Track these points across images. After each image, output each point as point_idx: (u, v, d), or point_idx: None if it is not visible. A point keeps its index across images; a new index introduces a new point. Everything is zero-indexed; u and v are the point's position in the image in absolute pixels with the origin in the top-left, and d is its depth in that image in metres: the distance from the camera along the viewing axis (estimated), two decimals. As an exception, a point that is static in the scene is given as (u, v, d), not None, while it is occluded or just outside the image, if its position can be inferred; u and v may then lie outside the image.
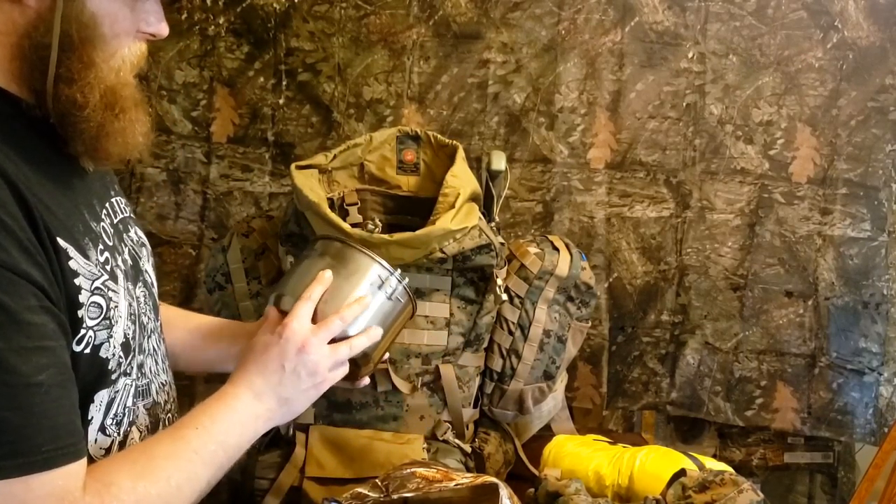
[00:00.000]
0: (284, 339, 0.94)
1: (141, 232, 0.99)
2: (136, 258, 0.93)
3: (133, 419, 0.88)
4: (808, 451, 2.12)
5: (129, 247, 0.92)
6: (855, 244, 2.00)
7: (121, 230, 0.91)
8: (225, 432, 0.88)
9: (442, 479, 1.03)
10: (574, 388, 2.03)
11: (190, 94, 2.01)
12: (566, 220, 2.02)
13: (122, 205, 0.96)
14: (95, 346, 0.80)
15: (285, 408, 0.94)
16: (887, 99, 1.97)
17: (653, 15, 1.97)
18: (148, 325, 0.92)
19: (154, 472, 0.80)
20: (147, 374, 0.91)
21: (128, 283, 0.87)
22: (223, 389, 0.92)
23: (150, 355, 0.93)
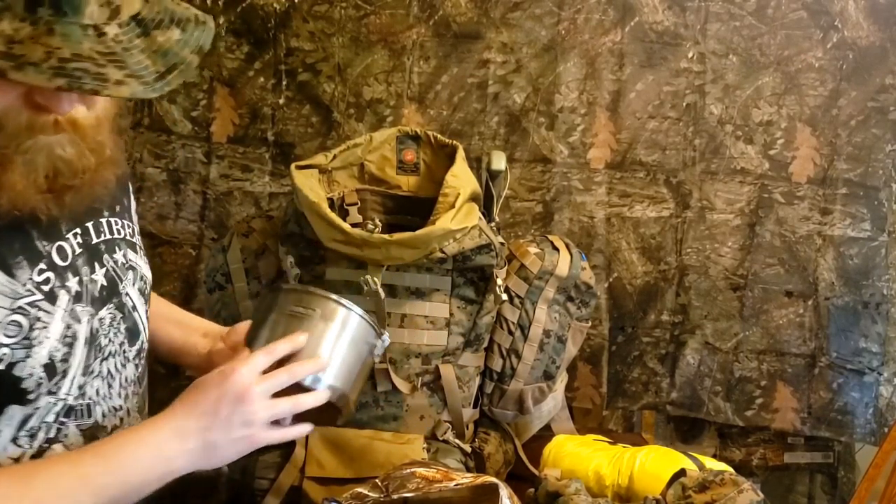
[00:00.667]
0: (229, 382, 0.88)
1: (135, 255, 0.97)
2: (116, 280, 0.90)
3: (56, 436, 0.84)
4: (808, 451, 2.12)
5: (108, 268, 0.90)
6: (855, 244, 2.00)
7: (100, 251, 0.89)
8: (127, 466, 0.83)
9: (442, 479, 1.03)
10: (574, 388, 2.03)
11: (190, 94, 2.01)
12: (566, 220, 2.02)
13: (117, 226, 0.94)
14: (10, 363, 0.77)
15: (211, 452, 0.88)
16: (887, 99, 1.97)
17: (653, 15, 1.97)
18: (107, 348, 0.89)
19: (25, 491, 0.76)
20: (89, 396, 0.87)
21: (76, 305, 0.83)
22: (150, 419, 0.88)
23: (101, 377, 0.88)
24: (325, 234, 1.39)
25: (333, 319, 0.99)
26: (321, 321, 0.99)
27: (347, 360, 0.99)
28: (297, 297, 1.00)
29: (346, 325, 1.00)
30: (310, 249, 1.45)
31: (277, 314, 0.99)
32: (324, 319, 0.99)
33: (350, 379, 0.99)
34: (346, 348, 0.99)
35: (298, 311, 0.99)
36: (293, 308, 0.99)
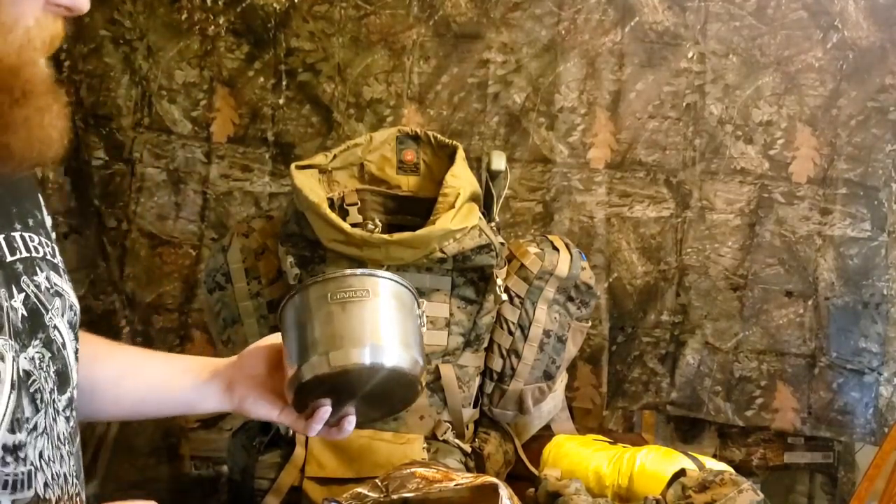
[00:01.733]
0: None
1: (60, 279, 0.78)
2: (40, 310, 0.71)
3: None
4: (808, 451, 2.12)
5: (29, 294, 0.71)
6: (855, 244, 2.00)
7: (17, 272, 0.70)
8: None
9: (442, 479, 1.03)
10: (574, 388, 2.03)
11: (190, 94, 2.01)
12: (566, 220, 2.02)
13: (34, 243, 0.76)
14: None
15: None
16: (887, 99, 1.97)
17: (653, 15, 1.97)
18: (44, 395, 0.69)
19: None
20: (29, 461, 0.67)
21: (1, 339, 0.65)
22: None
23: (42, 435, 0.69)
24: (325, 234, 1.39)
25: (385, 294, 0.91)
26: (374, 299, 0.90)
27: (413, 330, 0.92)
28: (337, 284, 0.90)
29: (398, 297, 0.92)
30: (310, 249, 1.45)
31: (323, 309, 0.89)
32: (376, 296, 0.90)
33: (420, 348, 0.92)
34: (408, 319, 0.92)
35: (349, 297, 0.89)
36: (340, 296, 0.89)
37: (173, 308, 2.07)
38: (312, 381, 0.86)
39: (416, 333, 0.92)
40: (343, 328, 0.87)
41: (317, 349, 0.86)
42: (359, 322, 0.88)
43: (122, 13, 1.99)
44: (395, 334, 0.89)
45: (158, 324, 2.08)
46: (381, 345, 0.88)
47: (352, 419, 0.90)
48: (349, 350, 0.86)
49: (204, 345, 2.05)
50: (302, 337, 0.88)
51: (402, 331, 0.90)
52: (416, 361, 0.89)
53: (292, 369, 0.86)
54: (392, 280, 0.92)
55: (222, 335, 1.57)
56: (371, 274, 0.92)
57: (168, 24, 1.99)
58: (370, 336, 0.87)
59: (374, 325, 0.88)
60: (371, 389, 0.89)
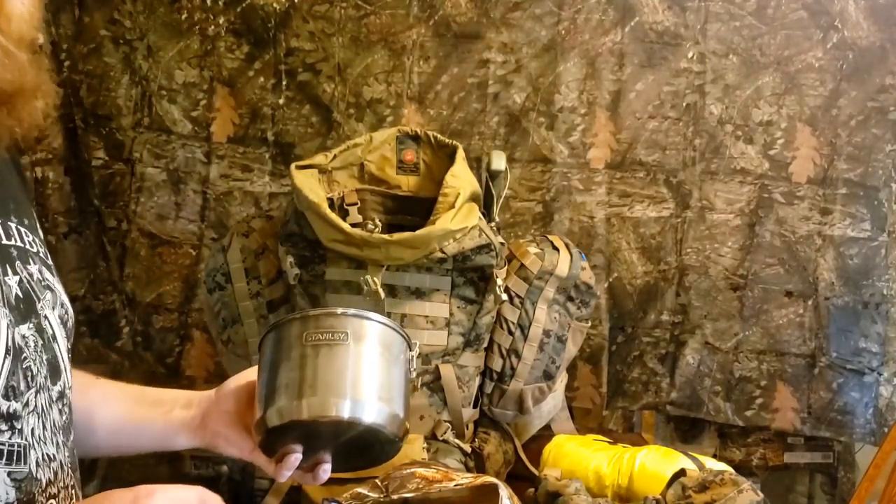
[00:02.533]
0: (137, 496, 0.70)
1: (52, 277, 0.77)
2: (32, 296, 0.72)
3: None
4: (808, 451, 2.12)
5: (23, 279, 0.71)
6: (855, 244, 2.00)
7: (11, 255, 0.71)
8: None
9: (442, 479, 1.03)
10: (574, 387, 2.03)
11: (190, 94, 2.01)
12: (566, 220, 2.02)
13: (29, 238, 0.76)
14: None
15: None
16: (887, 99, 1.96)
17: (653, 15, 1.97)
18: (37, 378, 0.70)
19: None
20: (24, 434, 0.68)
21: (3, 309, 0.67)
22: None
23: (36, 414, 0.69)
24: (325, 234, 1.39)
25: (367, 338, 0.83)
26: (356, 343, 0.82)
27: (398, 381, 0.84)
28: (317, 322, 0.83)
29: (384, 343, 0.84)
30: (310, 249, 1.45)
31: (296, 350, 0.81)
32: (359, 341, 0.83)
33: (403, 401, 0.84)
34: (393, 368, 0.84)
35: (325, 339, 0.82)
36: (317, 336, 0.82)
37: (173, 308, 2.07)
38: (279, 428, 0.79)
39: (400, 385, 0.84)
40: (314, 374, 0.80)
41: (285, 394, 0.79)
42: (334, 369, 0.81)
43: (122, 13, 1.99)
44: (374, 386, 0.81)
45: (158, 323, 2.08)
46: (359, 398, 0.80)
47: (327, 467, 0.84)
48: (321, 400, 0.79)
49: (204, 344, 2.05)
50: (272, 378, 0.81)
51: (383, 382, 0.82)
52: (396, 417, 0.82)
53: (259, 412, 0.81)
54: (379, 323, 0.85)
55: (222, 335, 1.57)
56: (357, 315, 0.84)
57: (168, 24, 1.99)
58: (344, 387, 0.80)
59: (352, 375, 0.81)
60: (347, 441, 0.83)
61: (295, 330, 0.83)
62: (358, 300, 1.41)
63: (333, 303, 1.45)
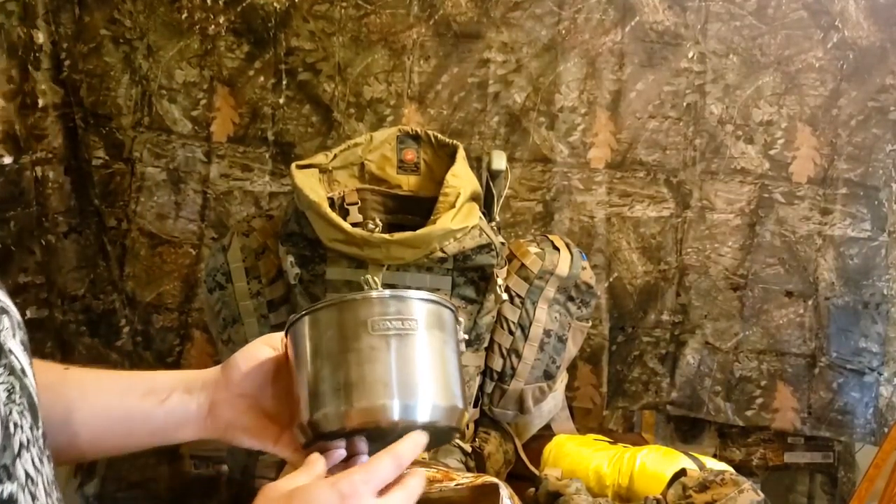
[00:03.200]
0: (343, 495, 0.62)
1: (2, 294, 0.63)
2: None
3: None
4: (808, 451, 2.12)
5: None
6: (855, 244, 2.00)
7: None
8: None
9: (442, 479, 1.03)
10: (574, 387, 2.03)
11: (190, 94, 2.01)
12: (566, 219, 2.02)
13: None
14: None
15: None
16: (887, 99, 1.97)
17: (653, 14, 1.97)
18: (16, 436, 0.55)
19: None
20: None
21: None
22: None
23: (24, 486, 0.55)
24: (326, 233, 1.39)
25: (433, 323, 0.73)
26: (423, 332, 0.72)
27: (459, 368, 0.75)
28: (382, 308, 0.71)
29: (445, 326, 0.75)
30: (310, 249, 1.45)
31: (362, 341, 0.70)
32: (426, 329, 0.72)
33: (463, 388, 0.75)
34: (455, 355, 0.75)
35: (396, 329, 0.70)
36: (385, 326, 0.70)
37: (173, 307, 2.07)
38: (336, 433, 0.70)
39: (460, 370, 0.75)
40: (387, 371, 0.69)
41: (348, 395, 0.69)
42: (409, 364, 0.70)
43: (122, 12, 1.98)
44: (444, 382, 0.72)
45: (158, 323, 2.08)
46: (434, 398, 0.70)
47: (364, 459, 0.73)
48: (392, 402, 0.68)
49: (204, 344, 2.05)
50: (331, 374, 0.70)
51: (451, 373, 0.73)
52: (461, 411, 0.73)
53: (309, 413, 0.70)
54: (437, 303, 0.75)
55: (222, 335, 1.57)
56: (423, 298, 0.73)
57: (168, 24, 1.99)
58: (420, 386, 0.70)
59: (426, 370, 0.71)
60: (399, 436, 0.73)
61: (357, 315, 0.71)
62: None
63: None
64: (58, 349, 2.06)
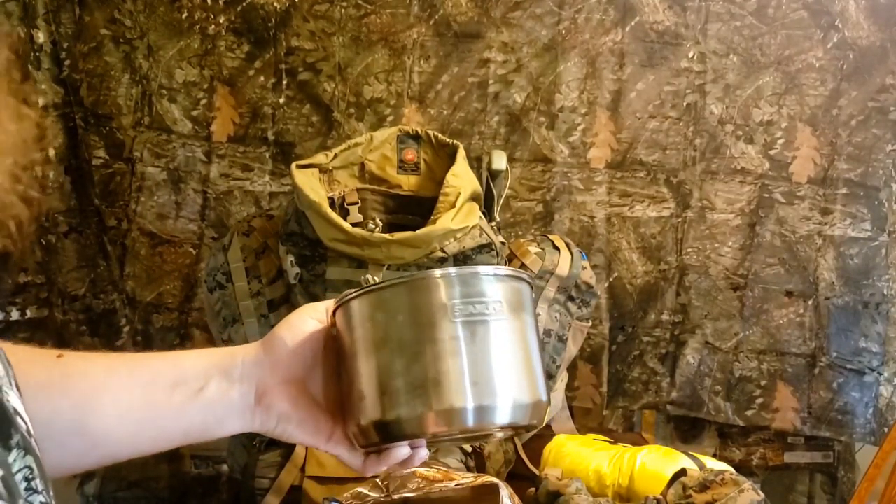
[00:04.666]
0: None
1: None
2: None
3: None
4: (808, 450, 2.12)
5: None
6: (855, 244, 2.01)
7: None
8: None
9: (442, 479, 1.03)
10: (574, 387, 2.03)
11: (190, 94, 2.01)
12: (566, 219, 2.02)
13: None
14: None
15: None
16: (887, 99, 1.97)
17: (653, 14, 1.97)
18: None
19: None
20: None
21: None
22: None
23: None
24: (326, 233, 1.39)
25: (515, 303, 0.62)
26: (512, 316, 0.61)
27: (540, 354, 0.64)
28: (466, 288, 0.60)
29: (528, 308, 0.64)
30: (310, 249, 1.45)
31: (442, 329, 0.59)
32: (514, 312, 0.61)
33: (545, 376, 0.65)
34: (537, 340, 0.64)
35: (480, 313, 0.59)
36: (469, 311, 0.59)
37: (173, 307, 2.07)
38: (409, 436, 0.60)
39: (542, 354, 0.66)
40: (472, 366, 0.59)
41: (426, 395, 0.58)
42: (492, 356, 0.59)
43: (122, 12, 1.98)
44: (530, 374, 0.61)
45: (158, 323, 2.08)
46: (520, 396, 0.60)
47: (423, 453, 0.65)
48: (478, 404, 0.58)
49: (204, 344, 2.05)
50: (405, 369, 0.59)
51: (535, 362, 0.63)
52: (545, 406, 0.63)
53: (379, 413, 0.60)
54: (517, 278, 0.64)
55: (223, 334, 1.57)
56: (503, 274, 0.62)
57: (168, 24, 1.99)
58: (506, 381, 0.60)
59: (515, 362, 0.61)
60: None
61: (434, 298, 0.59)
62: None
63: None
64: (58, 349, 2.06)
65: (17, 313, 1.98)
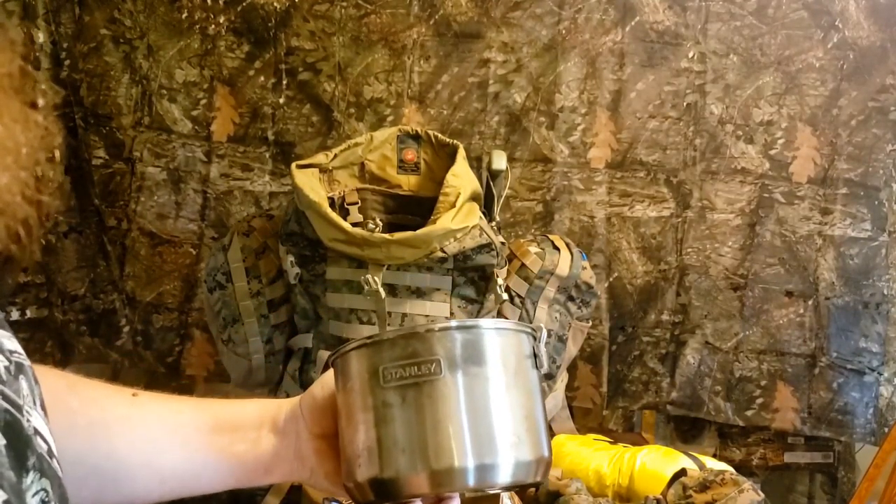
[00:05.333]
0: None
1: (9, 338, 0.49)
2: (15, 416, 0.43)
3: None
4: (808, 451, 2.12)
5: None
6: (855, 244, 2.00)
7: None
8: None
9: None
10: (574, 387, 2.03)
11: (190, 94, 2.01)
12: (566, 219, 2.02)
13: None
14: None
15: None
16: (888, 99, 1.97)
17: (653, 14, 1.97)
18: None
19: None
20: None
21: None
22: None
23: None
24: (326, 233, 1.39)
25: (471, 359, 0.59)
26: (504, 370, 0.60)
27: (525, 406, 0.62)
28: (393, 350, 0.59)
29: (525, 359, 0.63)
30: (310, 249, 1.45)
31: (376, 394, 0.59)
32: (455, 367, 0.59)
33: (540, 430, 0.62)
34: (539, 392, 0.63)
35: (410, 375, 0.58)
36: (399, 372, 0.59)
37: (173, 307, 2.07)
38: (400, 497, 0.59)
39: (531, 408, 0.62)
40: (459, 427, 0.57)
41: (413, 457, 0.57)
42: (483, 414, 0.58)
43: (122, 12, 1.98)
44: (531, 427, 0.60)
45: (158, 323, 2.08)
46: (514, 452, 0.59)
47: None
48: (471, 465, 0.57)
49: (204, 344, 2.05)
50: (355, 435, 0.60)
51: (537, 416, 0.61)
52: (548, 461, 0.62)
53: (376, 470, 0.59)
54: (513, 330, 0.63)
55: (223, 334, 1.57)
56: (446, 328, 0.60)
57: (168, 23, 1.99)
58: (501, 439, 0.58)
59: (507, 418, 0.59)
60: None
61: (363, 366, 0.59)
62: (359, 300, 1.41)
63: (334, 302, 1.45)
64: (58, 349, 2.06)
65: (17, 313, 1.98)
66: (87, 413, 0.56)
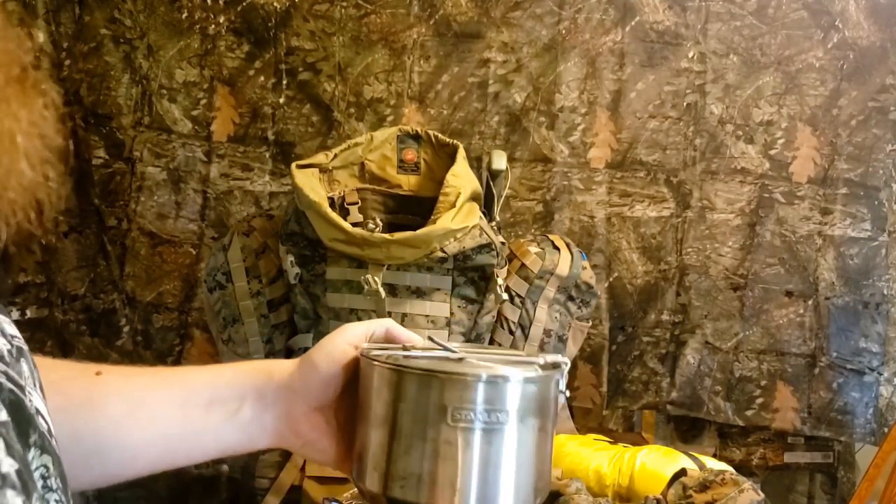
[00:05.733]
0: None
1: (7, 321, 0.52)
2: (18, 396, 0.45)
3: None
4: (808, 450, 2.12)
5: None
6: (855, 244, 2.00)
7: None
8: None
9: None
10: (574, 387, 2.03)
11: (190, 94, 2.01)
12: (566, 219, 2.02)
13: None
14: None
15: None
16: (888, 99, 1.97)
17: (653, 14, 1.97)
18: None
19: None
20: None
21: None
22: None
23: None
24: (326, 233, 1.39)
25: (529, 410, 0.60)
26: (520, 423, 0.60)
27: (550, 454, 0.64)
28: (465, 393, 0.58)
29: (549, 410, 0.62)
30: (310, 248, 1.45)
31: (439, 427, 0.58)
32: (524, 418, 0.60)
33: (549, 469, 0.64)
34: (550, 440, 0.64)
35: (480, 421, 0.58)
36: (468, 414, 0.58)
37: (173, 307, 2.07)
38: None
39: (550, 453, 0.64)
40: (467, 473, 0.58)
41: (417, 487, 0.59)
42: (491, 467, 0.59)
43: (122, 12, 1.98)
44: (535, 478, 0.61)
45: (158, 323, 2.08)
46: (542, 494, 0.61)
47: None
48: None
49: (204, 344, 2.05)
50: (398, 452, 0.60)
51: (544, 466, 0.62)
52: None
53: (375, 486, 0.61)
54: (542, 381, 0.61)
55: (222, 334, 1.57)
56: (524, 379, 0.60)
57: (168, 23, 1.99)
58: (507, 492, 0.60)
59: (511, 472, 0.60)
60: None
61: (427, 397, 0.59)
62: (359, 299, 1.41)
63: (334, 302, 1.44)
64: (58, 349, 2.06)
65: (17, 313, 1.98)
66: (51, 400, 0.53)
